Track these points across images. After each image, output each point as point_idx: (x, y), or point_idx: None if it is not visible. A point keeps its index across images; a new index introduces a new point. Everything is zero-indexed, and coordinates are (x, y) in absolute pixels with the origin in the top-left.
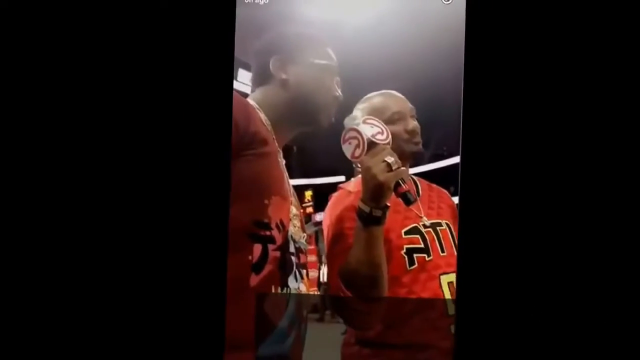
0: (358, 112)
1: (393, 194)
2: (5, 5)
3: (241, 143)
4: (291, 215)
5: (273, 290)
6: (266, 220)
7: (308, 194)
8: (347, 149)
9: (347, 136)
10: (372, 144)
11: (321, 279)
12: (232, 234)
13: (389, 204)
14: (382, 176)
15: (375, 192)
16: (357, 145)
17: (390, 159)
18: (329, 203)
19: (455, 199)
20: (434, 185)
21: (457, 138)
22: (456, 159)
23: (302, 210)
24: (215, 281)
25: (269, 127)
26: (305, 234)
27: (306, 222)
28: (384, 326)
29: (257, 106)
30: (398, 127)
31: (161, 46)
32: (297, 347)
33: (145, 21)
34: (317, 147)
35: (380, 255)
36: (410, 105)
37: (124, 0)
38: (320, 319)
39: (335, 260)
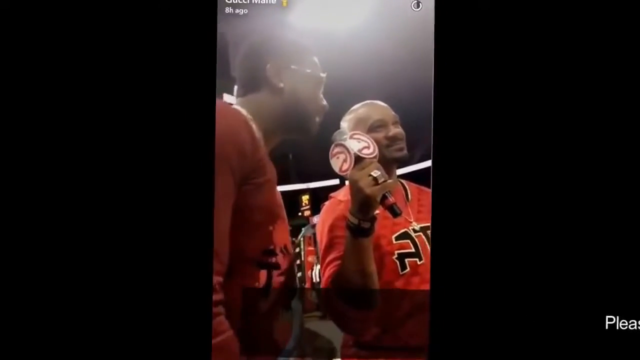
0: (345, 124)
1: (380, 206)
2: None
3: (249, 170)
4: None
5: (280, 314)
6: (272, 247)
7: (305, 198)
8: (335, 164)
9: (334, 151)
10: (358, 159)
11: (314, 279)
12: (242, 262)
13: (377, 215)
14: (369, 190)
15: (362, 205)
16: (345, 160)
17: (376, 173)
18: (321, 212)
19: None
20: (424, 188)
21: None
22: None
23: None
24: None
25: (261, 141)
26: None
27: (304, 225)
28: (381, 329)
29: (249, 117)
30: (379, 135)
31: (142, 59)
32: None
33: (124, 36)
34: (310, 152)
35: (370, 266)
36: (393, 113)
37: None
38: (323, 317)
39: (329, 269)
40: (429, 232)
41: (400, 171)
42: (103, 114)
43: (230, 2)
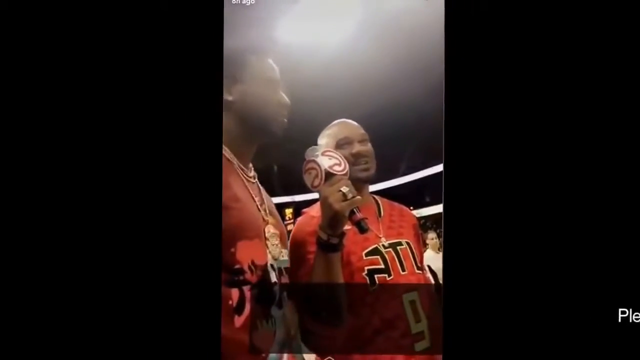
0: (322, 140)
1: (349, 222)
2: None
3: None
4: (268, 236)
5: (259, 324)
6: (237, 266)
7: (288, 211)
8: (307, 179)
9: (306, 167)
10: (329, 175)
11: None
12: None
13: (346, 231)
14: (337, 205)
15: (331, 220)
16: (316, 176)
17: (345, 189)
18: (294, 227)
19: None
20: (396, 204)
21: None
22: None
23: (283, 227)
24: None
25: (235, 163)
26: (286, 250)
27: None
28: (350, 348)
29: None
30: (344, 152)
31: (146, 52)
32: None
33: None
34: (295, 164)
35: (338, 281)
36: (362, 131)
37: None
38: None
39: (298, 283)
40: (398, 247)
41: (375, 187)
42: (102, 111)
43: None
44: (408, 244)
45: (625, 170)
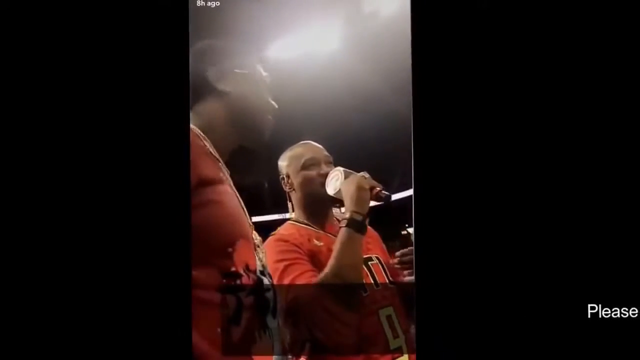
0: (284, 162)
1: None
2: None
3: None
4: (257, 242)
5: (257, 336)
6: (233, 269)
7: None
8: (331, 185)
9: (332, 175)
10: (348, 174)
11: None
12: (200, 290)
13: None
14: (363, 183)
15: (359, 200)
16: (337, 179)
17: (366, 175)
18: (267, 250)
19: None
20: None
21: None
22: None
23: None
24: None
25: (218, 158)
26: None
27: None
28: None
29: (202, 135)
30: (311, 172)
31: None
32: None
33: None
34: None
35: (362, 261)
36: (326, 153)
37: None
38: None
39: (301, 280)
40: (370, 263)
41: None
42: (74, 118)
43: None
44: (377, 258)
45: (595, 168)
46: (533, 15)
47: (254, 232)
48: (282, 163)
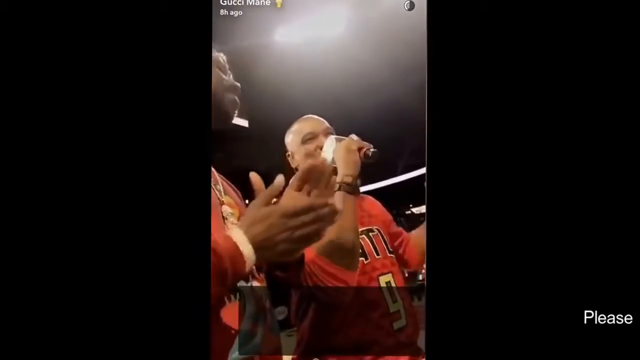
0: (288, 138)
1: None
2: None
3: None
4: (226, 215)
5: (231, 298)
6: None
7: None
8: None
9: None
10: (340, 139)
11: None
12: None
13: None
14: (351, 144)
15: (349, 161)
16: (331, 146)
17: (354, 137)
18: None
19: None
20: (366, 196)
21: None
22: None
23: (242, 206)
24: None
25: None
26: None
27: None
28: (330, 331)
29: None
30: (311, 145)
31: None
32: (269, 340)
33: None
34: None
35: (357, 222)
36: (326, 125)
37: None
38: None
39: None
40: (371, 234)
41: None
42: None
43: (225, 3)
44: (378, 230)
45: (596, 168)
46: (546, 15)
47: (225, 206)
48: (287, 140)
